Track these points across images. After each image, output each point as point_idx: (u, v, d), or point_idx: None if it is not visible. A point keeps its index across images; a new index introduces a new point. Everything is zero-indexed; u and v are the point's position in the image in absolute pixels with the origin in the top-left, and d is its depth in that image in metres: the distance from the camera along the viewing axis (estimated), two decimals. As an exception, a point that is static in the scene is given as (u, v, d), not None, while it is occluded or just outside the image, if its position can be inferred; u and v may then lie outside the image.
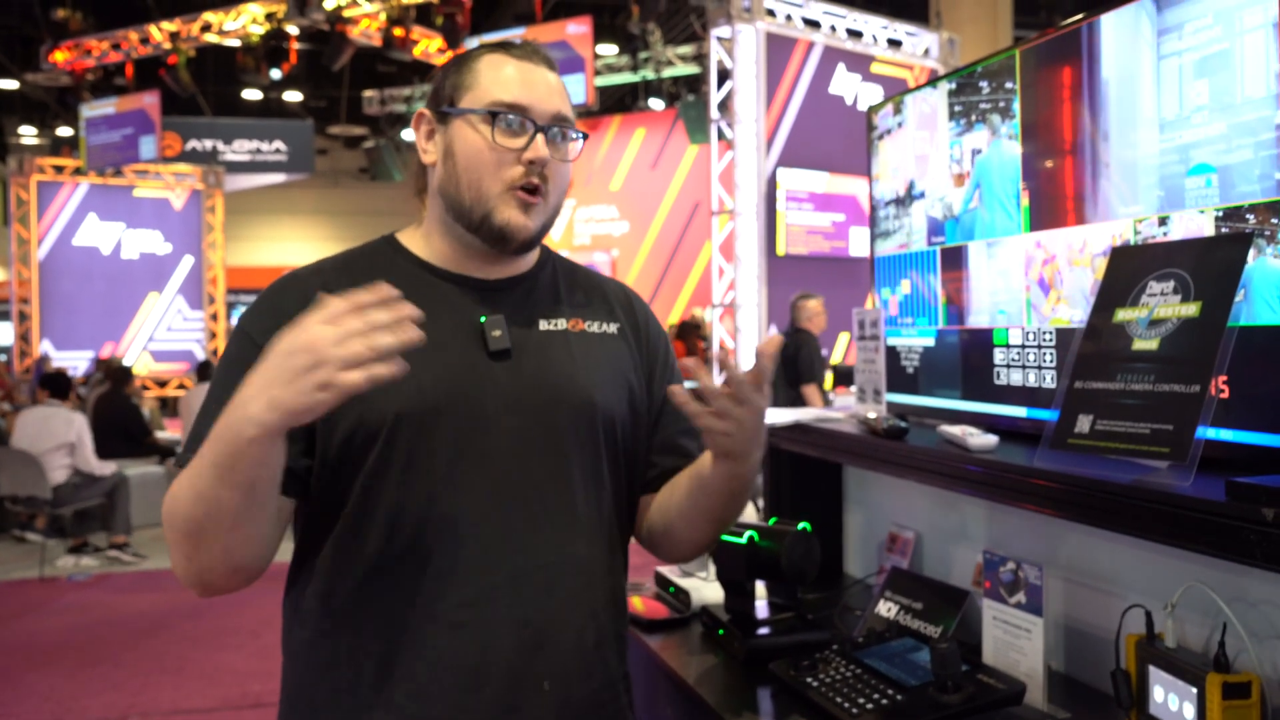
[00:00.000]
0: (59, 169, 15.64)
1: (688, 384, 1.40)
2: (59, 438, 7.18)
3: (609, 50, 14.12)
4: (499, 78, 1.35)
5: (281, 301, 1.33)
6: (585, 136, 1.41)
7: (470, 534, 1.30)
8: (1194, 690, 1.29)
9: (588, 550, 1.37)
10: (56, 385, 7.82)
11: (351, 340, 1.06)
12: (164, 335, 16.13)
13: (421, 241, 1.43)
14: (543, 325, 1.42)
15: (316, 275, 1.38)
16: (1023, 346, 1.86)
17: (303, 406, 1.08)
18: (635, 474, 1.48)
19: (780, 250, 7.77)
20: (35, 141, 19.53)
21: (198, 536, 1.19)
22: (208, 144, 16.33)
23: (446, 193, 1.37)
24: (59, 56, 13.57)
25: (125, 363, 10.68)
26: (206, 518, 1.17)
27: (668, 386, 1.46)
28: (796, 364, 6.65)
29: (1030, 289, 1.84)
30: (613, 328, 1.49)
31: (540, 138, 1.34)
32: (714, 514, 1.40)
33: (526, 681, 1.31)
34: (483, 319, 1.36)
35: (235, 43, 12.67)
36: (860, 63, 8.41)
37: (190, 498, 1.17)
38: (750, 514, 2.15)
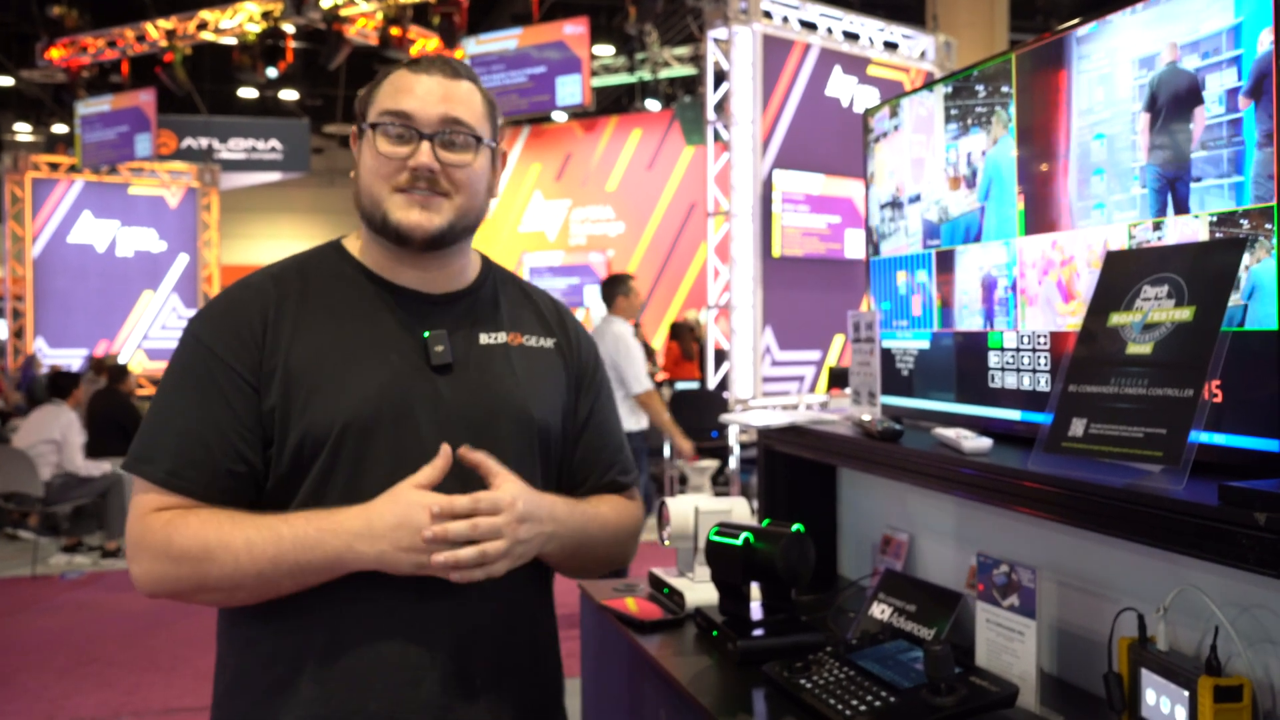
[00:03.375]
0: (54, 166, 15.59)
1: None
2: (45, 434, 7.19)
3: (606, 51, 14.12)
4: (393, 89, 1.40)
5: (239, 311, 1.37)
6: (481, 140, 1.41)
7: None
8: (1186, 693, 1.29)
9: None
10: (57, 385, 7.84)
11: (463, 550, 1.25)
12: (158, 333, 16.09)
13: (361, 250, 1.48)
14: (483, 339, 1.46)
15: (272, 283, 1.40)
16: (1017, 350, 1.87)
17: (396, 571, 1.27)
18: (561, 485, 1.55)
19: (776, 252, 7.77)
20: (30, 138, 19.48)
21: (223, 591, 1.29)
22: (203, 142, 16.30)
23: (358, 203, 1.42)
24: (55, 53, 13.53)
25: (120, 361, 10.66)
26: (253, 588, 1.27)
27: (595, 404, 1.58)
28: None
29: (1025, 292, 1.85)
30: (548, 342, 1.54)
31: (425, 145, 1.37)
32: (594, 558, 1.55)
33: (461, 678, 1.37)
34: (426, 334, 1.40)
35: (232, 41, 12.64)
36: (857, 65, 8.42)
37: (244, 569, 1.25)
38: (745, 516, 2.15)
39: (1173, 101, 1.17)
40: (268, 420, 1.33)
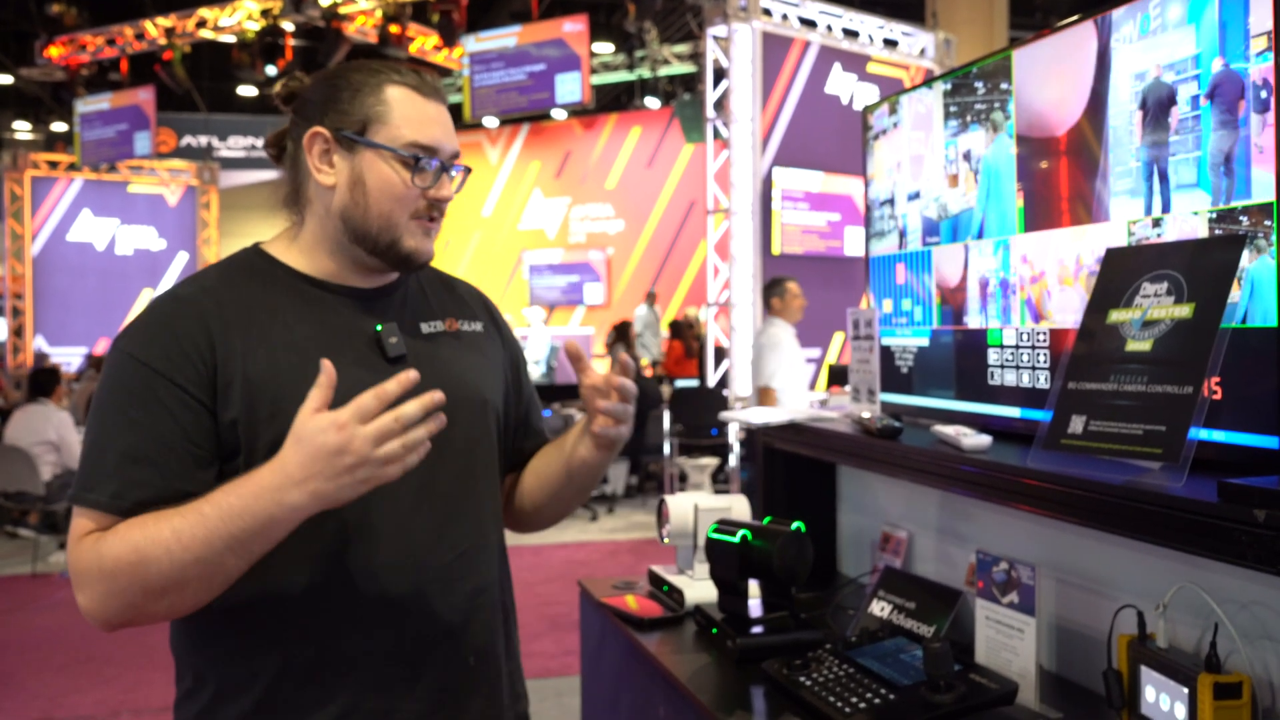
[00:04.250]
0: (53, 164, 15.58)
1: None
2: (41, 435, 7.19)
3: (605, 49, 14.11)
4: (413, 118, 1.38)
5: (176, 325, 1.31)
6: (469, 171, 1.46)
7: (389, 537, 1.35)
8: (1185, 690, 1.29)
9: (496, 535, 1.50)
10: (38, 383, 7.82)
11: (389, 439, 1.17)
12: (158, 331, 16.06)
13: (298, 255, 1.43)
14: (425, 328, 1.47)
15: (204, 294, 1.36)
16: (1016, 347, 1.86)
17: (345, 499, 1.20)
18: (505, 460, 1.59)
19: (775, 249, 7.78)
20: (29, 137, 19.47)
21: (171, 592, 1.21)
22: (203, 140, 16.28)
23: (351, 219, 1.38)
24: (54, 51, 13.51)
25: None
26: (198, 578, 1.21)
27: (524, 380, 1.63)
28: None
29: (1025, 289, 1.85)
30: (478, 325, 1.56)
31: (446, 178, 1.40)
32: (584, 491, 1.59)
33: (455, 661, 1.40)
34: (378, 327, 1.40)
35: (231, 39, 12.62)
36: (856, 62, 8.41)
37: (180, 560, 1.19)
38: (745, 513, 2.15)
39: (1156, 103, 1.52)
40: (228, 433, 1.29)
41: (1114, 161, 1.62)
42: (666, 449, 8.66)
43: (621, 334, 10.53)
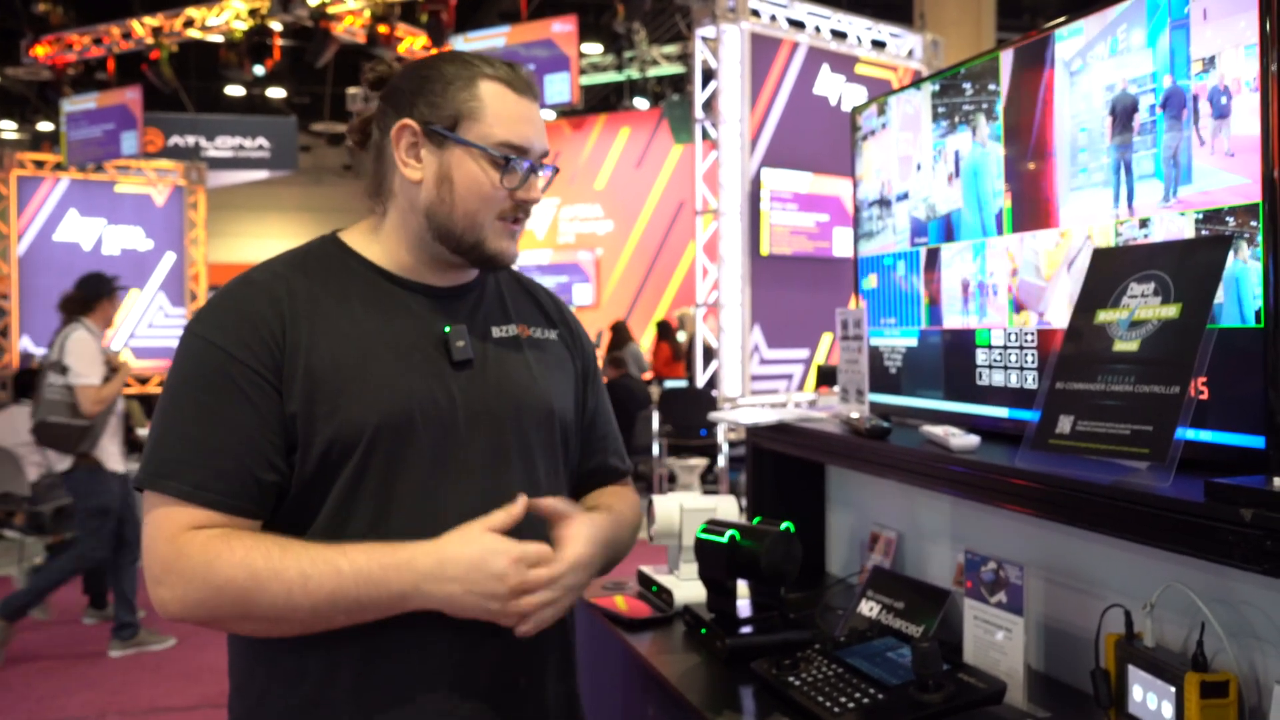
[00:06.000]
0: (39, 164, 15.50)
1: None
2: (23, 436, 7.15)
3: (594, 49, 14.11)
4: (506, 115, 1.34)
5: (249, 307, 1.29)
6: (557, 171, 1.43)
7: None
8: (1172, 689, 1.30)
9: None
10: (22, 383, 7.79)
11: (536, 594, 1.23)
12: (145, 332, 15.99)
13: (377, 247, 1.41)
14: (496, 332, 1.43)
15: (279, 280, 1.34)
16: (1004, 348, 1.87)
17: (464, 614, 1.23)
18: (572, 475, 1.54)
19: (764, 250, 7.77)
20: (15, 136, 19.37)
21: (268, 621, 1.21)
22: (190, 140, 16.21)
23: (436, 216, 1.35)
24: (40, 51, 13.45)
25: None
26: (302, 622, 1.21)
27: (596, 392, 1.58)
28: None
29: (1013, 290, 1.85)
30: (553, 334, 1.53)
31: (534, 180, 1.37)
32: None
33: (506, 681, 1.34)
34: (446, 329, 1.37)
35: (218, 38, 12.58)
36: (844, 63, 8.42)
37: (297, 604, 1.19)
38: (733, 513, 2.15)
39: (1122, 111, 1.61)
40: (290, 425, 1.26)
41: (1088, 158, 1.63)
42: (655, 449, 8.66)
43: (619, 335, 10.50)
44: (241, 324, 1.27)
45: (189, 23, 12.72)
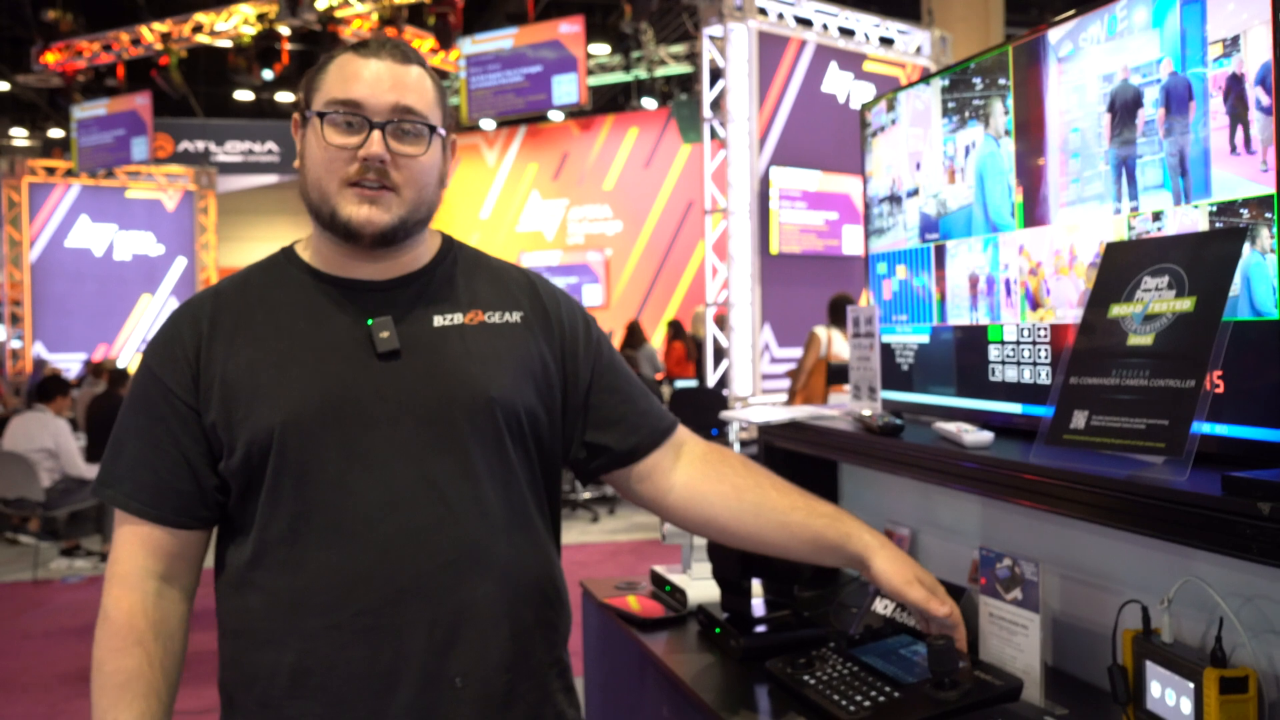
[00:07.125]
0: (50, 171, 15.59)
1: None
2: (38, 442, 7.18)
3: (601, 50, 14.12)
4: (341, 76, 1.33)
5: (173, 330, 1.37)
6: (433, 129, 1.35)
7: (370, 539, 1.29)
8: (1191, 685, 1.29)
9: (504, 542, 1.35)
10: (42, 390, 7.83)
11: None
12: (157, 337, 16.07)
13: (311, 249, 1.43)
14: (436, 321, 1.39)
15: (213, 298, 1.39)
16: (1017, 343, 1.86)
17: None
18: (554, 459, 1.47)
19: (774, 249, 7.77)
20: (26, 143, 19.47)
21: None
22: (200, 145, 16.26)
23: (305, 199, 1.37)
24: (50, 58, 13.51)
25: (119, 365, 10.65)
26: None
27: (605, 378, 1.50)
28: None
29: (1027, 284, 1.84)
30: (515, 316, 1.44)
31: (376, 134, 1.30)
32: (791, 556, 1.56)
33: (439, 681, 1.30)
34: (369, 321, 1.35)
35: (227, 43, 12.63)
36: (852, 61, 8.42)
37: (95, 702, 1.45)
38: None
39: (1124, 105, 1.60)
40: (212, 435, 1.32)
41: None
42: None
43: (633, 336, 10.50)
44: (166, 345, 1.36)
45: (198, 28, 12.77)
